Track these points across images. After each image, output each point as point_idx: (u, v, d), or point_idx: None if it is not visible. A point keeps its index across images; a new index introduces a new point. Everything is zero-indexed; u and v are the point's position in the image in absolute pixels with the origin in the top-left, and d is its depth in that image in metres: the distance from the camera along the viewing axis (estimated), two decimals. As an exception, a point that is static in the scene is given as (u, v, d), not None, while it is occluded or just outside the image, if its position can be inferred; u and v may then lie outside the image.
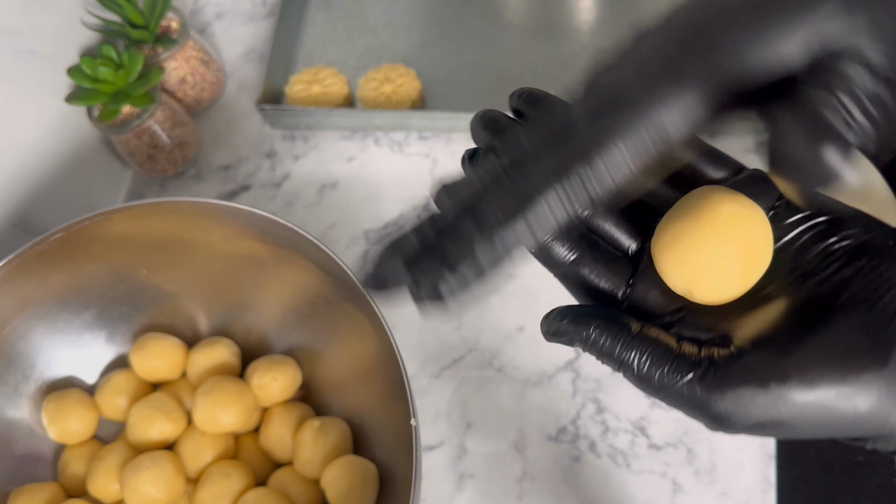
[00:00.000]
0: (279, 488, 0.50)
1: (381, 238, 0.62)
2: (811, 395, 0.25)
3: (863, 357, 0.25)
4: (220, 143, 0.68)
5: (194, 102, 0.68)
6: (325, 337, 0.53)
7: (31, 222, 0.59)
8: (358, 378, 0.51)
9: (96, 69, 0.59)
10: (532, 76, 0.66)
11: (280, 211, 0.65)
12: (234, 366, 0.54)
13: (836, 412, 0.25)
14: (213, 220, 0.51)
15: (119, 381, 0.54)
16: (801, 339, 0.26)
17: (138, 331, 0.56)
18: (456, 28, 0.69)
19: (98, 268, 0.53)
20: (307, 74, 0.66)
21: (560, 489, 0.52)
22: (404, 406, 0.43)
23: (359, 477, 0.48)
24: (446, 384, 0.56)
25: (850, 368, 0.25)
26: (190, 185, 0.67)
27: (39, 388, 0.54)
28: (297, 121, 0.66)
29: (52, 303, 0.52)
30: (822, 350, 0.25)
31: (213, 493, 0.49)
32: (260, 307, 0.55)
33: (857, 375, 0.24)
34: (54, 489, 0.51)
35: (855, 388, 0.24)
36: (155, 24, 0.62)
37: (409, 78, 0.64)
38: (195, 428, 0.52)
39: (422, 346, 0.58)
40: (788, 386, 0.25)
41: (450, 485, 0.53)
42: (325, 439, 0.49)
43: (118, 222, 0.50)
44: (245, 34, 0.73)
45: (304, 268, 0.50)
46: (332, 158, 0.66)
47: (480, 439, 0.54)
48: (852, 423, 0.25)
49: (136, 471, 0.49)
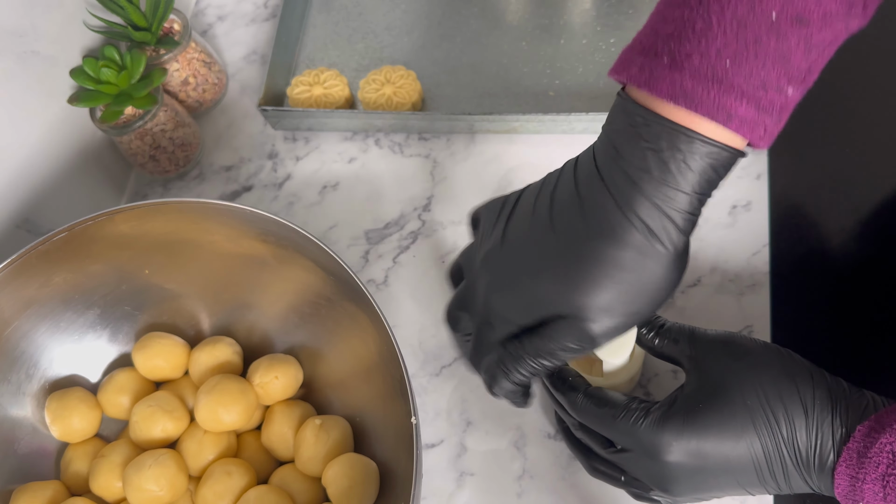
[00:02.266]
0: (281, 486, 0.50)
1: (381, 238, 0.62)
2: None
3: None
4: (222, 144, 0.69)
5: (196, 104, 0.68)
6: (326, 336, 0.53)
7: (35, 223, 0.59)
8: (359, 377, 0.52)
9: (99, 71, 0.60)
10: (532, 78, 0.66)
11: (282, 211, 0.65)
12: (236, 364, 0.55)
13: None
14: (216, 220, 0.51)
15: (122, 380, 0.54)
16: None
17: (141, 330, 0.56)
18: (456, 30, 0.70)
19: (101, 267, 0.53)
20: (308, 76, 0.66)
21: (559, 487, 0.52)
22: (405, 404, 0.43)
23: (360, 475, 0.48)
24: (446, 383, 0.56)
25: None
26: (192, 185, 0.67)
27: (42, 386, 0.54)
28: (299, 122, 0.66)
29: (56, 302, 0.53)
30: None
31: (215, 491, 0.49)
32: (262, 306, 0.55)
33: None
34: (57, 487, 0.52)
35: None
36: (157, 26, 0.63)
37: (410, 80, 0.65)
38: (197, 426, 0.52)
39: (422, 345, 0.58)
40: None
41: (450, 482, 0.53)
42: (326, 437, 0.50)
43: (121, 223, 0.51)
44: (247, 36, 0.73)
45: (306, 267, 0.51)
46: (333, 159, 0.66)
47: (480, 437, 0.54)
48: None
49: (139, 469, 0.49)
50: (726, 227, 0.58)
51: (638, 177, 0.36)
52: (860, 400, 0.38)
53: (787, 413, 0.38)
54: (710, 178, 0.36)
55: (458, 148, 0.65)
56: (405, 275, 0.61)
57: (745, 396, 0.39)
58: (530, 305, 0.40)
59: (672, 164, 0.35)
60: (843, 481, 0.37)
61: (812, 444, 0.38)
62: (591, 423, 0.43)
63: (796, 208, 0.58)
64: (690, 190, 0.36)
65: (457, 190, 0.63)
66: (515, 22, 0.69)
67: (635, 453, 0.41)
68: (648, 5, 0.66)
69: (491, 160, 0.64)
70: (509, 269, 0.41)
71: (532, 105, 0.65)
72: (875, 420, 0.37)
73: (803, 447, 0.38)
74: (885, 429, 0.36)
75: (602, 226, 0.37)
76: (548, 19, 0.69)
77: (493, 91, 0.66)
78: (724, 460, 0.39)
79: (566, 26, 0.68)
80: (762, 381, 0.39)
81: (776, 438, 0.38)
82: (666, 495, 0.41)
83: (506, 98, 0.66)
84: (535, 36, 0.68)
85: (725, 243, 0.57)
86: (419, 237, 0.62)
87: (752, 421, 0.38)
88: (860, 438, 0.36)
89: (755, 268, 0.56)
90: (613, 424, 0.42)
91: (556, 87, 0.66)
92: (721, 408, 0.39)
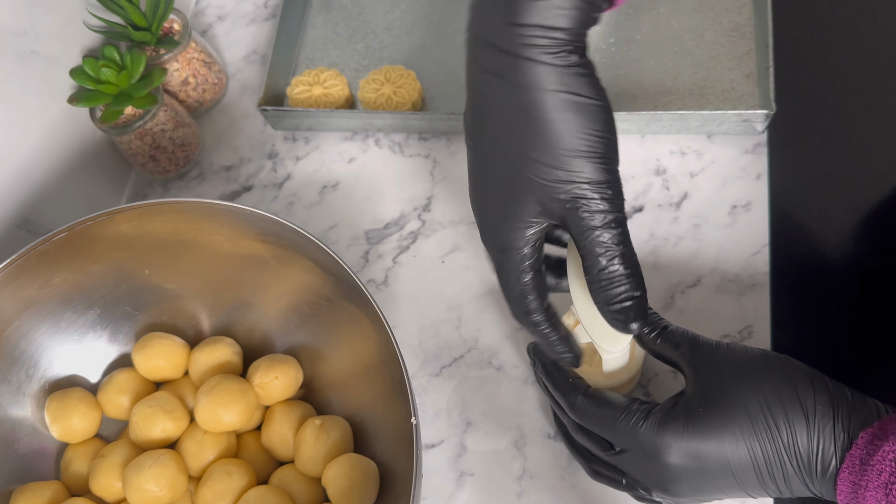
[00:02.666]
0: (281, 486, 0.50)
1: (381, 238, 0.62)
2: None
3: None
4: (222, 144, 0.69)
5: (196, 104, 0.68)
6: (326, 336, 0.53)
7: (34, 223, 0.59)
8: (359, 377, 0.52)
9: (99, 70, 0.60)
10: (532, 78, 0.66)
11: (282, 211, 0.65)
12: (235, 365, 0.55)
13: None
14: (216, 220, 0.51)
15: (121, 380, 0.54)
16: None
17: (141, 330, 0.56)
18: (456, 30, 0.70)
19: (101, 268, 0.53)
20: (308, 76, 0.66)
21: (559, 487, 0.52)
22: (405, 404, 0.43)
23: (360, 475, 0.48)
24: (446, 383, 0.56)
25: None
26: (192, 185, 0.67)
27: (42, 386, 0.54)
28: (299, 122, 0.66)
29: (56, 302, 0.53)
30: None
31: (215, 492, 0.49)
32: (262, 306, 0.55)
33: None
34: (57, 487, 0.52)
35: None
36: (157, 26, 0.63)
37: (410, 80, 0.65)
38: (197, 426, 0.52)
39: (422, 345, 0.58)
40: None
41: (450, 482, 0.53)
42: (326, 438, 0.50)
43: (121, 223, 0.51)
44: (247, 36, 0.73)
45: (306, 268, 0.51)
46: (333, 159, 0.66)
47: (480, 437, 0.54)
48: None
49: (139, 469, 0.49)
50: (726, 227, 0.58)
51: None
52: (863, 406, 0.38)
53: (788, 418, 0.38)
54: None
55: (458, 148, 0.65)
56: (405, 275, 0.61)
57: (745, 402, 0.39)
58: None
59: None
60: (845, 488, 0.37)
61: (813, 450, 0.38)
62: (590, 424, 0.43)
63: (796, 208, 0.58)
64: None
65: (457, 190, 0.63)
66: (515, 22, 0.69)
67: (635, 454, 0.41)
68: (649, 5, 0.67)
69: (491, 160, 0.64)
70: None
71: (532, 105, 0.65)
72: (878, 427, 0.37)
73: (804, 452, 0.38)
74: (888, 437, 0.36)
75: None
76: (548, 19, 0.69)
77: (493, 91, 0.66)
78: (724, 463, 0.39)
79: (566, 26, 0.68)
80: (763, 387, 0.39)
81: (776, 443, 0.38)
82: (667, 496, 0.41)
83: (506, 98, 0.66)
84: (535, 36, 0.68)
85: (725, 243, 0.57)
86: (419, 237, 0.62)
87: (753, 425, 0.38)
88: (863, 445, 0.36)
89: (755, 268, 0.56)
90: (614, 425, 0.42)
91: (556, 87, 0.66)
92: (722, 412, 0.39)
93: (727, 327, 0.55)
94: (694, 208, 0.59)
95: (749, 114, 0.58)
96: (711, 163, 0.60)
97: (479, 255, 0.60)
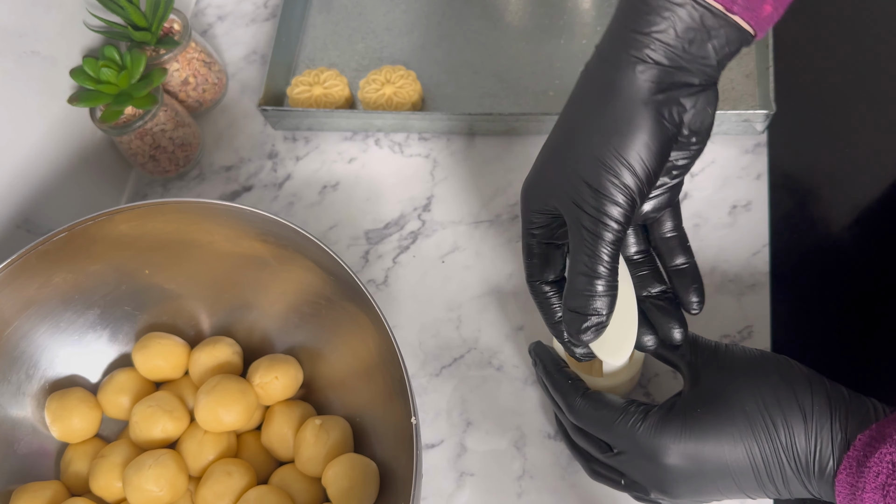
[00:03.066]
0: (281, 486, 0.50)
1: (381, 238, 0.62)
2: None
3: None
4: (223, 144, 0.69)
5: (196, 104, 0.68)
6: (326, 336, 0.53)
7: (34, 223, 0.59)
8: (359, 377, 0.52)
9: (99, 71, 0.60)
10: (532, 78, 0.66)
11: (282, 211, 0.65)
12: (236, 365, 0.55)
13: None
14: (216, 220, 0.51)
15: (122, 380, 0.54)
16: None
17: (141, 330, 0.56)
18: (456, 30, 0.70)
19: (101, 268, 0.53)
20: (308, 76, 0.66)
21: (559, 487, 0.52)
22: (405, 404, 0.43)
23: (360, 475, 0.48)
24: (446, 383, 0.56)
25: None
26: (192, 185, 0.67)
27: (42, 386, 0.54)
28: (299, 122, 0.66)
29: (56, 302, 0.53)
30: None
31: (215, 491, 0.49)
32: (262, 307, 0.55)
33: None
34: (57, 487, 0.52)
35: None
36: (157, 26, 0.63)
37: (410, 80, 0.65)
38: (197, 426, 0.52)
39: (422, 345, 0.58)
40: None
41: (450, 482, 0.53)
42: (326, 438, 0.50)
43: (121, 223, 0.51)
44: (247, 36, 0.73)
45: (306, 268, 0.51)
46: (333, 159, 0.66)
47: (480, 437, 0.54)
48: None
49: (139, 469, 0.49)
50: (726, 227, 0.58)
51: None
52: (860, 406, 0.38)
53: (786, 420, 0.38)
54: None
55: (458, 148, 0.65)
56: (405, 275, 0.61)
57: (743, 403, 0.39)
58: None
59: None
60: (843, 489, 0.37)
61: (811, 451, 0.38)
62: (588, 425, 0.44)
63: (796, 208, 0.58)
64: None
65: (457, 190, 0.63)
66: (515, 22, 0.69)
67: (633, 456, 0.41)
68: (648, 5, 0.66)
69: (491, 160, 0.64)
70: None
71: (532, 105, 0.65)
72: (876, 429, 0.37)
73: (802, 454, 0.38)
74: (885, 439, 0.36)
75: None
76: (548, 19, 0.69)
77: (493, 91, 0.66)
78: (722, 464, 0.39)
79: (566, 26, 0.68)
80: (760, 388, 0.39)
81: (774, 444, 0.38)
82: (666, 497, 0.41)
83: (506, 98, 0.66)
84: (535, 36, 0.68)
85: (725, 243, 0.57)
86: (419, 237, 0.62)
87: (751, 427, 0.39)
88: (861, 447, 0.37)
89: (755, 268, 0.56)
90: (611, 427, 0.42)
91: (556, 87, 0.66)
92: (720, 413, 0.39)
93: (727, 327, 0.55)
94: (694, 208, 0.59)
95: (749, 114, 0.58)
96: (711, 163, 0.60)
97: (479, 254, 0.60)
